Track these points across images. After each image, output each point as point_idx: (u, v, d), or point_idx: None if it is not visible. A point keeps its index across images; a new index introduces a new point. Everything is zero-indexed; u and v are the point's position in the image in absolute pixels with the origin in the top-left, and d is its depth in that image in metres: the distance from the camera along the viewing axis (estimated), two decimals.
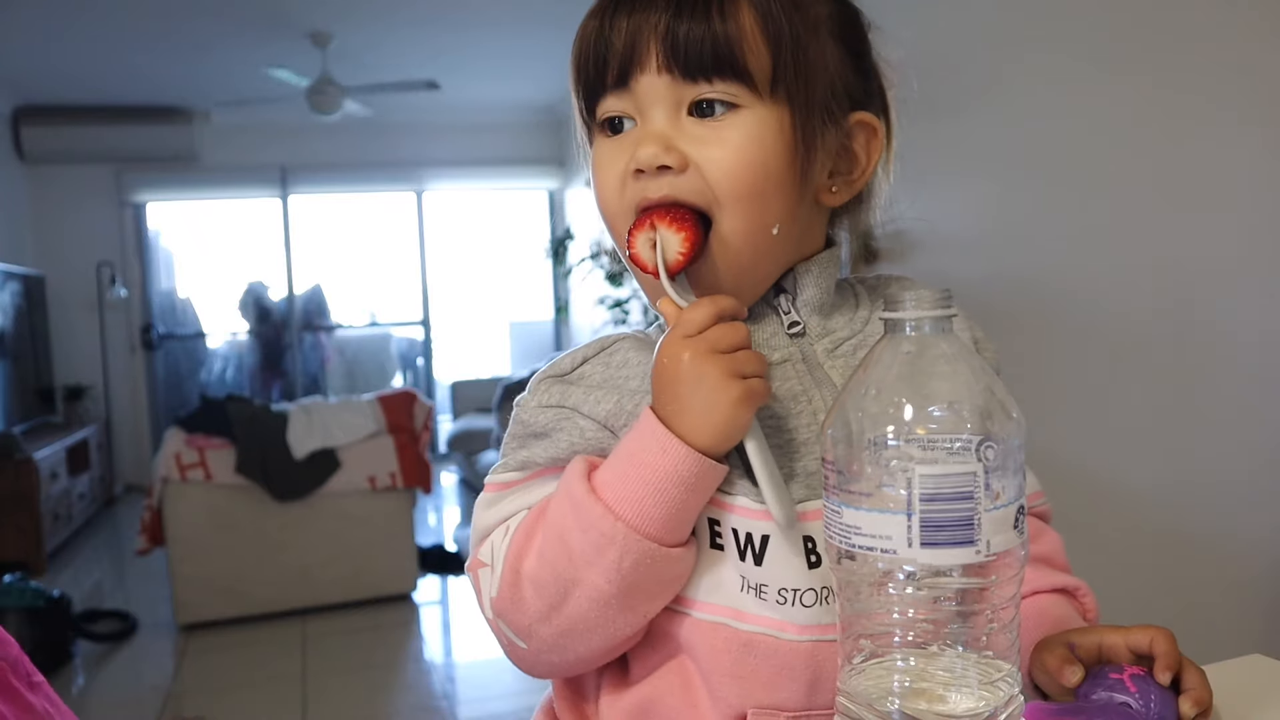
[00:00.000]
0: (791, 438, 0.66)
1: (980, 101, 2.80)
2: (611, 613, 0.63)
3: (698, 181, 0.64)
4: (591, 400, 0.68)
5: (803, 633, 0.63)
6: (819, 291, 0.70)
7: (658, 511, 0.60)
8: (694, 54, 0.63)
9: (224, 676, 3.11)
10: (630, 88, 0.66)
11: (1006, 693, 0.53)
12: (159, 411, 6.48)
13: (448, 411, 6.73)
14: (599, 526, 0.61)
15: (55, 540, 4.60)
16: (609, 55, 0.66)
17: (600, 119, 0.69)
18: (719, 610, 0.65)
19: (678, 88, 0.65)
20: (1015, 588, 0.54)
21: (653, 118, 0.66)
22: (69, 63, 5.04)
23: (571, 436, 0.67)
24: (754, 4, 0.64)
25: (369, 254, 7.12)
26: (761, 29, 0.64)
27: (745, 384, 0.61)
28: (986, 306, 2.75)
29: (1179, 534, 2.18)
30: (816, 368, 0.69)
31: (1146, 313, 2.24)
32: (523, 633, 0.66)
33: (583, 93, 0.69)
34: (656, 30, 0.64)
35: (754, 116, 0.65)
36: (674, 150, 0.64)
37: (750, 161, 0.64)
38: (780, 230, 0.66)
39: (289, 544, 3.55)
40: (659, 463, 0.60)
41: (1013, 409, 0.53)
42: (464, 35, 4.80)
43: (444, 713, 2.81)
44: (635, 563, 0.61)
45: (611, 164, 0.68)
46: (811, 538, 0.64)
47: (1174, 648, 0.62)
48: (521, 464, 0.70)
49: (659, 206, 0.64)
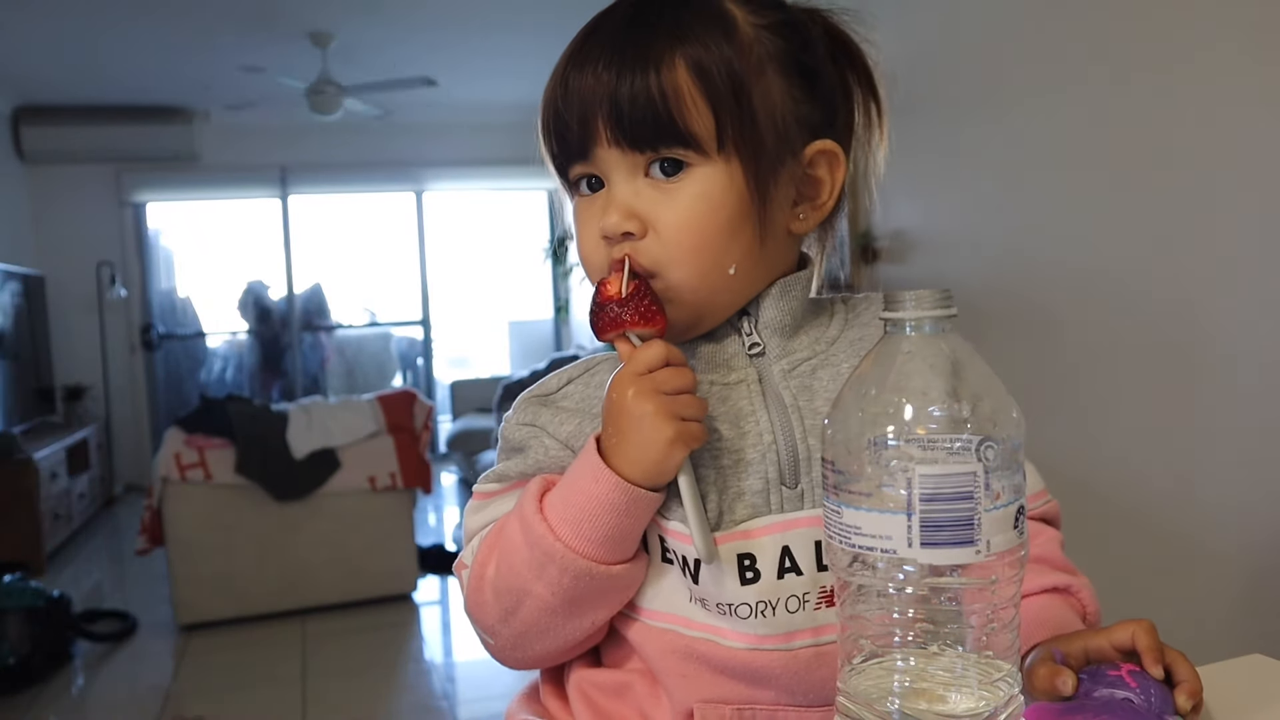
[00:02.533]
0: (739, 457, 0.69)
1: (980, 101, 2.80)
2: (559, 620, 0.69)
3: (653, 245, 0.68)
4: (557, 421, 0.73)
5: (741, 640, 0.68)
6: (779, 313, 0.72)
7: (593, 534, 0.65)
8: (637, 126, 0.66)
9: (224, 676, 3.11)
10: (590, 159, 0.69)
11: (1006, 693, 0.53)
12: (159, 411, 6.48)
13: (448, 411, 6.73)
14: (542, 545, 0.66)
15: (55, 540, 4.60)
16: (566, 131, 0.69)
17: (573, 180, 0.73)
18: (668, 618, 0.70)
19: (630, 155, 0.68)
20: (1015, 588, 0.54)
21: (615, 182, 0.69)
22: (69, 63, 5.04)
23: (539, 454, 0.73)
24: (691, 64, 0.65)
25: (369, 254, 7.12)
26: (701, 90, 0.65)
27: (682, 426, 0.64)
28: (986, 306, 2.75)
29: (1179, 534, 2.18)
30: (770, 389, 0.71)
31: (1146, 313, 2.24)
32: (489, 631, 0.72)
33: (552, 161, 0.73)
34: (601, 107, 0.67)
35: (703, 174, 0.67)
36: (634, 218, 0.68)
37: (699, 220, 0.67)
38: (739, 269, 0.69)
39: (289, 544, 3.55)
40: (593, 490, 0.65)
41: (1013, 409, 0.53)
42: (464, 35, 4.80)
43: (444, 713, 2.81)
44: (575, 579, 0.66)
45: (587, 224, 0.71)
46: (751, 554, 0.67)
47: (1156, 640, 0.63)
48: (500, 476, 0.75)
49: (629, 308, 0.66)
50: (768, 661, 0.67)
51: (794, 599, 0.67)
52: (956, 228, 2.98)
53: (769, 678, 0.67)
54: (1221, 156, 2.03)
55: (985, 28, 2.77)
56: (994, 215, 2.82)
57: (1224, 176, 2.03)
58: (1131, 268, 2.28)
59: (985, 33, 2.78)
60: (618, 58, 0.66)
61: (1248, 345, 2.00)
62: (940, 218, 3.05)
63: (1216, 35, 2.03)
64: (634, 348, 0.67)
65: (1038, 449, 0.74)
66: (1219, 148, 2.03)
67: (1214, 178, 2.05)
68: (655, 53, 0.66)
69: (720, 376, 0.72)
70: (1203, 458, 2.11)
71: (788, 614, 0.67)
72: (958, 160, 2.91)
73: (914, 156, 3.08)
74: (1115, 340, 2.33)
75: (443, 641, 3.47)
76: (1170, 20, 2.14)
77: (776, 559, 0.67)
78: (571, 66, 0.68)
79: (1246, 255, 1.99)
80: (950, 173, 2.95)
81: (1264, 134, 1.93)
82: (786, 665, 0.67)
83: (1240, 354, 2.02)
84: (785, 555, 0.67)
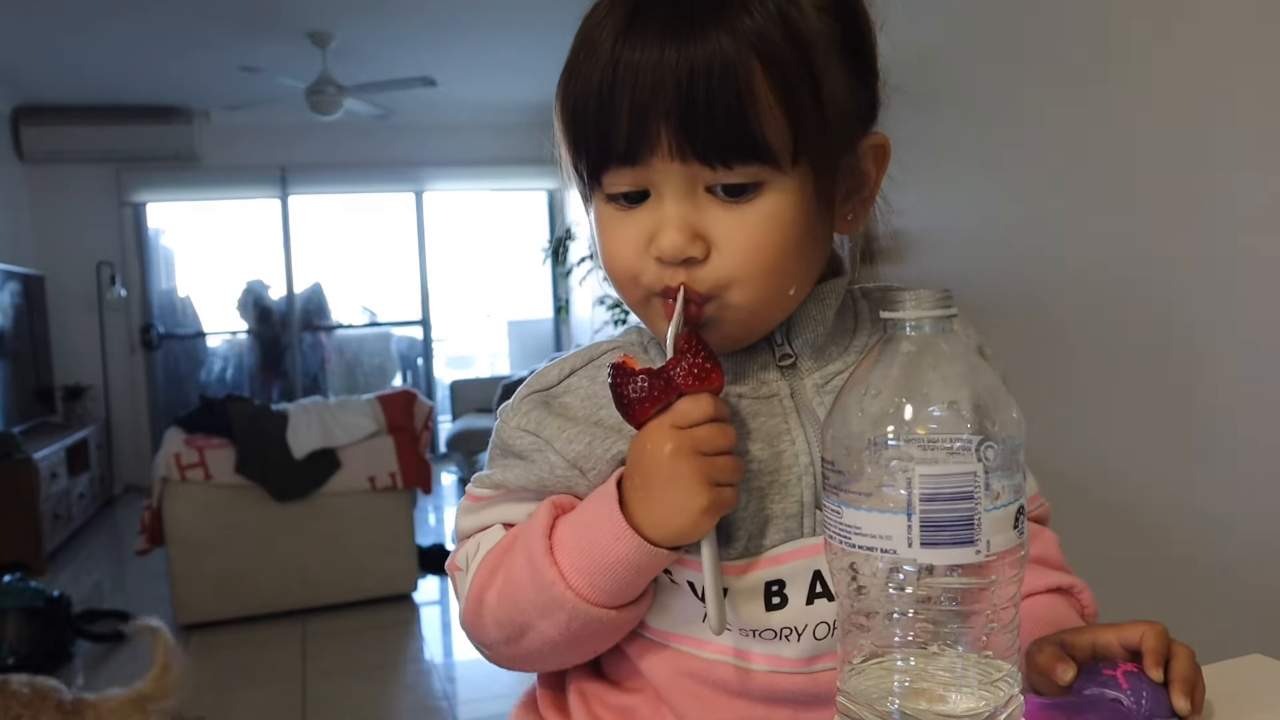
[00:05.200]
0: (773, 479, 0.65)
1: (982, 102, 2.80)
2: (561, 651, 0.66)
3: (718, 267, 0.60)
4: (565, 437, 0.66)
5: (762, 662, 0.65)
6: (813, 324, 0.68)
7: (607, 585, 0.61)
8: (711, 140, 0.57)
9: (224, 676, 3.10)
10: (641, 165, 0.60)
11: (1006, 693, 0.53)
12: (159, 411, 6.48)
13: (448, 411, 6.73)
14: (550, 591, 0.62)
15: (55, 540, 4.60)
16: (613, 131, 0.59)
17: (609, 192, 0.63)
18: (681, 639, 0.67)
19: (694, 170, 0.59)
20: (1015, 588, 0.54)
21: (669, 197, 0.60)
22: (69, 63, 5.04)
23: (542, 471, 0.67)
24: (768, 63, 0.57)
25: (369, 254, 7.12)
26: (778, 95, 0.57)
27: (715, 493, 0.59)
28: (986, 306, 2.75)
29: (1179, 534, 2.18)
30: (804, 405, 0.67)
31: (1146, 312, 2.24)
32: (486, 645, 0.70)
33: (585, 161, 0.62)
34: (668, 114, 0.57)
35: (776, 192, 0.60)
36: (698, 240, 0.60)
37: (770, 242, 0.60)
38: (798, 288, 0.64)
39: (289, 544, 3.54)
40: (613, 547, 0.60)
41: (1013, 409, 0.53)
42: (465, 35, 4.80)
43: (444, 713, 2.81)
44: (584, 624, 0.63)
45: (626, 241, 0.62)
46: (780, 580, 0.64)
47: (1164, 643, 0.62)
48: (496, 485, 0.70)
49: (682, 367, 0.59)
50: (788, 684, 0.65)
51: (824, 625, 0.65)
52: (957, 228, 2.98)
53: (785, 699, 0.65)
54: (1224, 157, 2.03)
55: (986, 27, 2.77)
56: (994, 215, 2.82)
57: (1226, 177, 2.03)
58: (1132, 267, 2.28)
59: (986, 33, 2.78)
60: (682, 43, 0.56)
61: (1249, 345, 2.00)
62: (940, 218, 3.04)
63: (1218, 34, 2.03)
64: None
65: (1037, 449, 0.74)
66: (1221, 148, 2.03)
67: (1216, 178, 2.05)
68: (724, 48, 0.56)
69: (750, 390, 0.66)
70: (1203, 457, 2.11)
71: (814, 640, 0.65)
72: (958, 160, 2.91)
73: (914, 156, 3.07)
74: (1115, 340, 2.33)
75: (443, 641, 3.47)
76: (1172, 20, 2.14)
77: (807, 584, 0.65)
78: (625, 45, 0.57)
79: (1248, 255, 1.99)
80: (951, 173, 2.95)
81: (1266, 134, 1.93)
82: (805, 688, 0.65)
83: (1241, 354, 2.02)
84: (816, 580, 0.64)
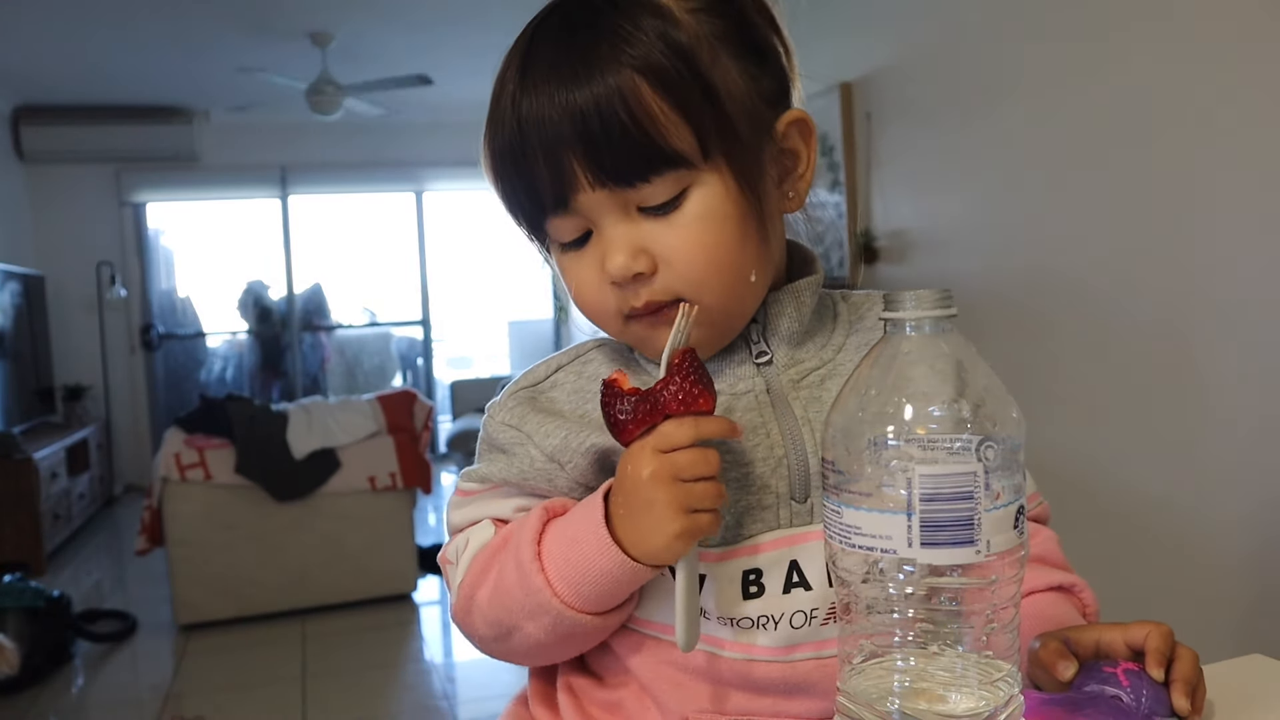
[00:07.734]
0: (748, 471, 0.67)
1: (979, 102, 2.80)
2: (548, 650, 0.69)
3: (670, 277, 0.64)
4: (543, 432, 0.69)
5: (739, 650, 0.67)
6: (789, 322, 0.70)
7: (591, 594, 0.64)
8: (620, 162, 0.61)
9: (224, 676, 3.11)
10: (571, 208, 0.64)
11: (1006, 693, 0.53)
12: (159, 411, 6.47)
13: (448, 411, 6.73)
14: (537, 597, 0.65)
15: (55, 540, 4.60)
16: (535, 180, 0.64)
17: (554, 240, 0.68)
18: (663, 628, 0.68)
19: (618, 195, 0.63)
20: (1015, 588, 0.54)
21: (606, 225, 0.64)
22: (69, 63, 5.04)
23: (523, 464, 0.70)
24: (651, 79, 0.60)
25: (369, 254, 7.12)
26: (671, 104, 0.61)
27: (690, 519, 0.60)
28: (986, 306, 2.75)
29: (1178, 534, 2.18)
30: (780, 400, 0.68)
31: (1145, 312, 2.24)
32: (475, 640, 0.73)
33: (522, 216, 0.68)
34: (573, 150, 0.61)
35: (701, 191, 0.63)
36: (642, 254, 0.63)
37: (709, 240, 0.63)
38: (757, 273, 0.66)
39: (289, 544, 3.55)
40: (597, 560, 0.63)
41: (1013, 409, 0.53)
42: (465, 35, 4.80)
43: (444, 713, 2.81)
44: (569, 628, 0.65)
45: (585, 279, 0.67)
46: (757, 569, 0.66)
47: (1167, 643, 0.62)
48: (482, 478, 0.73)
49: (671, 390, 0.60)
50: (765, 672, 0.66)
51: (800, 614, 0.66)
52: (956, 228, 2.98)
53: (765, 688, 0.67)
54: (1219, 157, 2.03)
55: (984, 28, 2.77)
56: (993, 215, 2.82)
57: (1222, 177, 2.03)
58: (1130, 268, 2.28)
59: (984, 33, 2.78)
60: (571, 86, 0.61)
61: (1246, 345, 2.00)
62: (940, 218, 3.04)
63: (1214, 36, 2.03)
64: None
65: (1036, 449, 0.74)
66: (1217, 148, 2.03)
67: (1212, 178, 2.05)
68: (608, 78, 0.60)
69: (728, 386, 0.69)
70: (1202, 457, 2.11)
71: (791, 629, 0.66)
72: (958, 160, 2.91)
73: (914, 156, 3.08)
74: (1114, 340, 2.33)
75: (443, 641, 3.47)
76: (1169, 21, 2.14)
77: (784, 574, 0.66)
78: (523, 101, 0.63)
79: (1245, 256, 1.99)
80: (950, 173, 2.95)
81: (1262, 135, 1.93)
82: (785, 676, 0.67)
83: (1239, 354, 2.02)
84: (793, 570, 0.66)
